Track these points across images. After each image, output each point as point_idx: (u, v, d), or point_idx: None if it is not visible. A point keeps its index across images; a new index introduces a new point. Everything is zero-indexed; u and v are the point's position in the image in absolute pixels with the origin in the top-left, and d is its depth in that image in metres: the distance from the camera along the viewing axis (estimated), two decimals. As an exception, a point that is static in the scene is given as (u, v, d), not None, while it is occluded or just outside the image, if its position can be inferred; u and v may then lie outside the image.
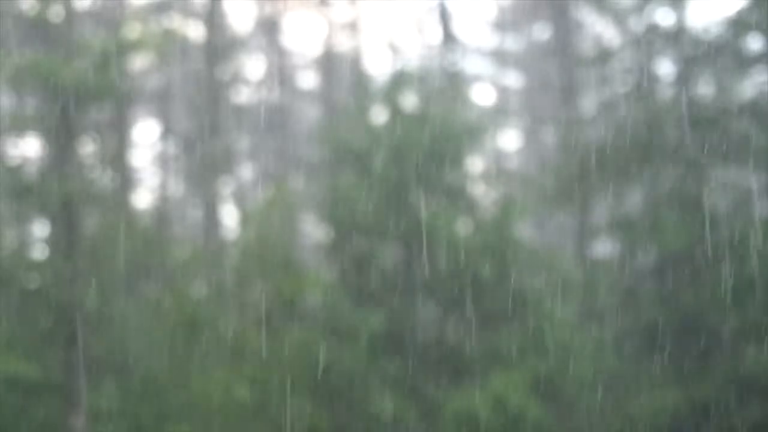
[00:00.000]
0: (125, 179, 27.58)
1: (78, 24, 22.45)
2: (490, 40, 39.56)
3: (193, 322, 20.78)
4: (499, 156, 34.61)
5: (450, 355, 20.29)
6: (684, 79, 23.92)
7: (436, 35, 35.34)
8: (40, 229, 22.94)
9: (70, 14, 21.36)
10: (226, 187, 32.62)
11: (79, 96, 20.36)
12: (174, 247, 23.28)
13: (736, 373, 21.32)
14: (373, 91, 23.11)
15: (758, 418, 20.94)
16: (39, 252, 23.17)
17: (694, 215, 22.12)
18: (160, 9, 31.35)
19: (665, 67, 24.69)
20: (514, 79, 39.81)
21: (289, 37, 36.89)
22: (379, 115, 22.33)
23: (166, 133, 34.64)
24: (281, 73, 37.04)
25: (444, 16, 35.04)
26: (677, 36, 23.97)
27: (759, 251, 21.43)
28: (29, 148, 22.19)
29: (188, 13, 32.50)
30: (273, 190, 24.21)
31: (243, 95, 35.19)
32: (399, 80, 22.38)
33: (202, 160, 31.45)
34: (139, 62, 24.80)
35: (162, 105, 33.62)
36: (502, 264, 20.64)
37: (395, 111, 21.96)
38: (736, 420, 21.01)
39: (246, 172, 36.05)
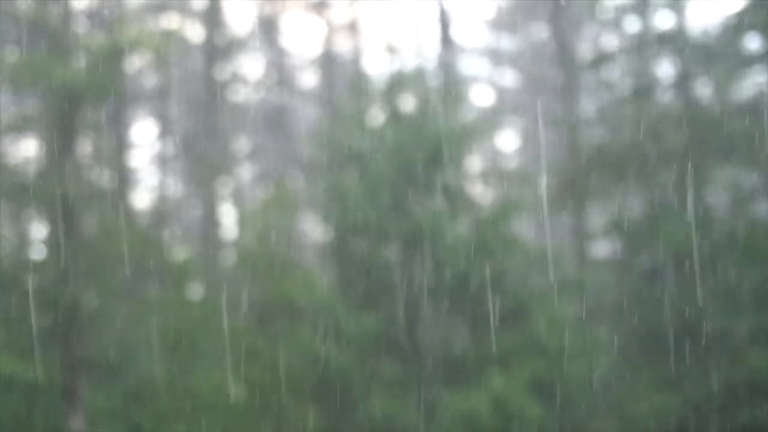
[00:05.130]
0: (124, 179, 27.58)
1: (76, 24, 22.44)
2: (488, 40, 39.55)
3: (191, 322, 20.77)
4: (497, 156, 34.59)
5: (449, 356, 20.27)
6: (683, 80, 23.91)
7: (435, 36, 35.31)
8: (39, 229, 22.91)
9: (69, 14, 21.35)
10: (225, 187, 32.59)
11: (78, 96, 20.35)
12: (173, 247, 23.27)
13: (735, 374, 21.31)
14: (372, 92, 23.10)
15: (757, 419, 20.93)
16: (38, 252, 23.15)
17: (693, 216, 22.10)
18: (159, 9, 31.32)
19: (664, 69, 24.67)
20: (512, 80, 39.78)
21: (289, 38, 36.87)
22: (378, 116, 22.32)
23: (165, 133, 34.60)
24: (281, 73, 37.00)
25: (442, 17, 35.01)
26: (676, 37, 23.95)
27: (759, 252, 21.43)
28: (28, 148, 22.18)
29: (187, 13, 32.47)
30: (273, 190, 24.22)
31: (242, 95, 35.13)
32: (398, 81, 22.37)
33: (200, 160, 31.43)
34: (137, 62, 24.77)
35: (161, 105, 33.58)
36: (501, 264, 20.64)
37: (394, 112, 21.96)
38: (735, 421, 21.00)
39: (245, 172, 36.02)
